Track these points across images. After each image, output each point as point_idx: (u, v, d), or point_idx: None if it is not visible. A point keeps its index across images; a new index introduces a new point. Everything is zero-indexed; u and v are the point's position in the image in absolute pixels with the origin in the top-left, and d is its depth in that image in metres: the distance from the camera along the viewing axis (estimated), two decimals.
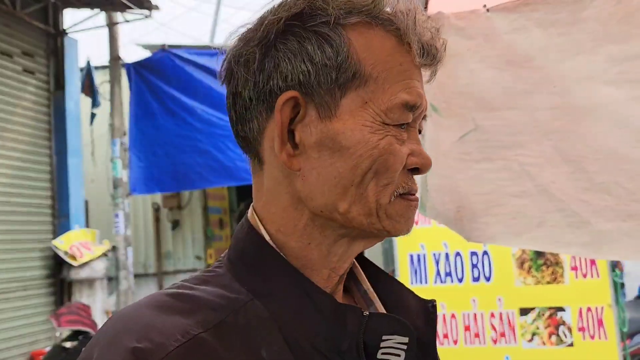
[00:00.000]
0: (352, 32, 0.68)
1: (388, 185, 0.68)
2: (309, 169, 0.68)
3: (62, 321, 4.52)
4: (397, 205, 0.69)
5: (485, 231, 1.45)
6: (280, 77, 0.68)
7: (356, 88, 0.67)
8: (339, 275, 0.73)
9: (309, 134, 0.68)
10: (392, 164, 0.67)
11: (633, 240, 1.35)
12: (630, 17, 1.32)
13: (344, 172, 0.67)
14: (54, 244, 6.45)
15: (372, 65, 0.68)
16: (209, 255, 9.44)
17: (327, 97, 0.67)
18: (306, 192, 0.69)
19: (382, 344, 0.67)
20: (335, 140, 0.67)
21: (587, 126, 1.36)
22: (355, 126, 0.67)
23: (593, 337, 3.17)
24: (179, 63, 7.32)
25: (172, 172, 7.20)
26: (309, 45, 0.68)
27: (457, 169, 1.47)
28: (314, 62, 0.67)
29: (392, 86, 0.68)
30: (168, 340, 0.59)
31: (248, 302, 0.66)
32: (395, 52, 0.69)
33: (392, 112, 0.67)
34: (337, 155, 0.67)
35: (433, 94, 1.47)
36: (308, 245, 0.70)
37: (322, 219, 0.69)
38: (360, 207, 0.68)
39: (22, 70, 6.53)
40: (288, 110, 0.68)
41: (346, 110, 0.67)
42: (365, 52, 0.68)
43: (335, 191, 0.67)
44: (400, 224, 0.70)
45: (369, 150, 0.66)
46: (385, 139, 0.67)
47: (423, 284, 3.53)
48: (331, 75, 0.67)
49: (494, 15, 1.45)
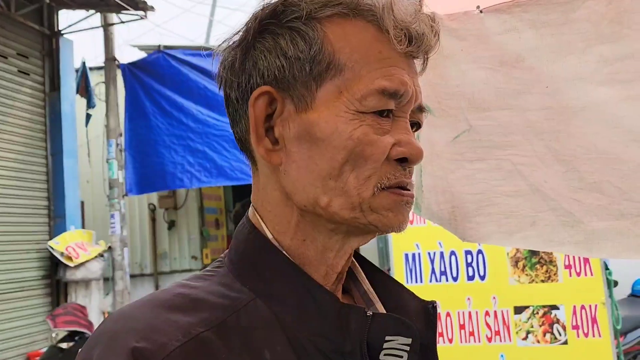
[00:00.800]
0: (328, 24, 0.68)
1: (370, 177, 0.66)
2: (290, 163, 0.68)
3: (58, 322, 4.51)
4: (383, 199, 0.67)
5: (478, 231, 1.46)
6: (258, 75, 0.69)
7: (332, 78, 0.67)
8: (336, 273, 0.72)
9: (287, 128, 0.68)
10: (370, 155, 0.65)
11: (625, 238, 1.36)
12: (621, 18, 1.33)
13: (321, 165, 0.66)
14: (50, 245, 6.44)
15: (348, 55, 0.67)
16: (205, 255, 9.44)
17: (303, 90, 0.67)
18: (290, 187, 0.69)
19: (385, 345, 0.66)
20: (311, 133, 0.66)
21: (579, 126, 1.37)
22: (330, 117, 0.66)
23: (587, 335, 3.19)
24: (174, 64, 7.33)
25: (164, 171, 7.20)
26: (282, 41, 0.68)
27: (451, 169, 1.48)
28: (287, 56, 0.68)
29: (369, 73, 0.66)
30: (169, 340, 0.58)
31: (250, 302, 0.66)
32: (374, 41, 0.68)
33: (368, 100, 0.66)
34: (314, 148, 0.66)
35: (426, 95, 1.48)
36: (303, 242, 0.70)
37: (310, 214, 0.69)
38: (342, 201, 0.66)
39: (17, 72, 6.52)
40: (262, 105, 0.68)
41: (322, 101, 0.67)
42: (341, 42, 0.67)
43: (315, 185, 0.67)
44: (388, 219, 0.67)
45: (343, 141, 0.65)
46: (359, 129, 0.65)
47: (418, 282, 3.55)
48: (305, 68, 0.67)
49: (486, 17, 1.46)
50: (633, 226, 1.34)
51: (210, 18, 10.81)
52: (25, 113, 6.58)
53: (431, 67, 1.49)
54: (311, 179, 0.67)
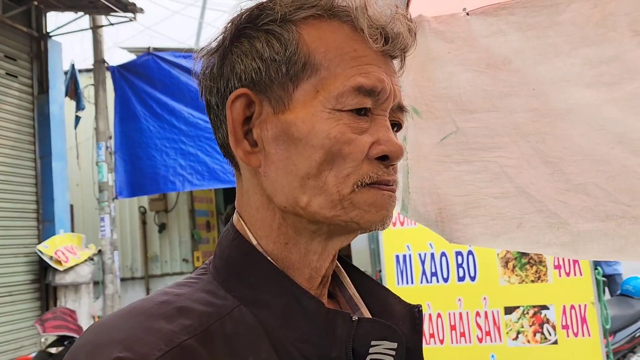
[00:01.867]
0: (304, 26, 0.69)
1: (349, 175, 0.66)
2: (269, 165, 0.68)
3: (47, 327, 4.48)
4: (364, 194, 0.66)
5: (465, 232, 1.46)
6: (236, 79, 0.69)
7: (308, 78, 0.67)
8: (320, 276, 0.72)
9: (265, 130, 0.68)
10: (348, 154, 0.65)
11: (611, 240, 1.37)
12: (606, 20, 1.34)
13: (299, 165, 0.66)
14: (39, 249, 6.39)
15: (323, 54, 0.67)
16: (196, 257, 9.41)
17: (280, 91, 0.67)
18: (270, 189, 0.69)
19: (370, 350, 0.65)
20: (289, 133, 0.66)
21: (565, 128, 1.38)
22: (306, 116, 0.66)
23: (577, 334, 3.21)
24: (164, 66, 7.30)
25: (155, 174, 7.18)
26: (258, 43, 0.68)
27: (437, 171, 1.48)
28: (263, 58, 0.68)
29: (345, 71, 0.66)
30: (152, 350, 0.56)
31: (235, 309, 0.65)
32: (349, 40, 0.68)
33: (344, 97, 0.66)
34: (292, 148, 0.66)
35: (414, 97, 1.49)
36: (286, 245, 0.69)
37: (291, 216, 0.68)
38: (322, 200, 0.66)
39: (5, 74, 6.47)
40: (240, 107, 0.68)
41: (299, 101, 0.67)
42: (315, 42, 0.68)
43: (294, 185, 0.66)
44: (370, 214, 0.67)
45: (320, 140, 0.65)
46: (336, 128, 0.65)
47: (409, 284, 3.55)
48: (281, 69, 0.67)
49: (473, 19, 1.47)
50: (618, 227, 1.35)
51: (200, 20, 10.79)
52: (13, 116, 6.53)
53: (418, 69, 1.50)
54: (290, 179, 0.67)
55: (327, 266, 0.72)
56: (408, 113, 0.76)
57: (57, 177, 6.84)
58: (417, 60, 1.48)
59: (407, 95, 1.48)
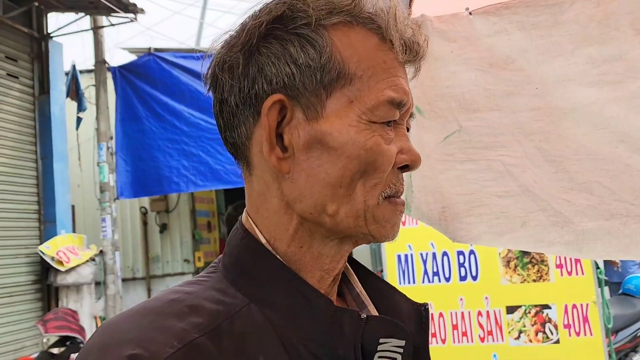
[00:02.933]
0: (334, 32, 0.68)
1: (376, 185, 0.67)
2: (298, 171, 0.68)
3: (49, 327, 4.48)
4: (384, 209, 0.68)
5: (469, 231, 1.46)
6: (265, 81, 0.68)
7: (341, 88, 0.67)
8: (332, 277, 0.72)
9: (297, 136, 0.68)
10: (380, 164, 0.66)
11: (615, 239, 1.37)
12: (608, 20, 1.34)
13: (332, 173, 0.66)
14: (40, 250, 6.39)
15: (356, 64, 0.67)
16: (197, 258, 9.41)
17: (312, 98, 0.67)
18: (295, 195, 0.68)
19: (379, 347, 0.66)
20: (323, 142, 0.66)
21: (568, 127, 1.38)
22: (342, 126, 0.66)
23: (579, 333, 3.21)
24: (165, 66, 7.31)
25: (159, 175, 7.18)
26: (292, 48, 0.67)
27: (441, 170, 1.48)
28: (297, 64, 0.67)
29: (378, 84, 0.67)
30: (164, 347, 0.57)
31: (244, 307, 0.65)
32: (378, 50, 0.68)
33: (378, 110, 0.66)
34: (326, 157, 0.66)
35: (416, 96, 1.49)
36: (300, 248, 0.70)
37: (310, 223, 0.69)
38: (349, 209, 0.67)
39: (6, 75, 6.47)
40: (275, 113, 0.67)
41: (332, 110, 0.67)
42: (348, 51, 0.67)
43: (324, 192, 0.67)
44: (386, 230, 0.69)
45: (356, 150, 0.66)
46: (372, 139, 0.66)
47: (411, 283, 3.55)
48: (316, 77, 0.67)
49: (475, 18, 1.47)
50: (622, 226, 1.35)
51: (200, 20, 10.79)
52: (14, 117, 6.53)
53: (421, 68, 1.50)
54: (320, 187, 0.67)
55: (339, 267, 0.73)
56: (414, 117, 0.77)
57: (58, 178, 6.84)
58: None
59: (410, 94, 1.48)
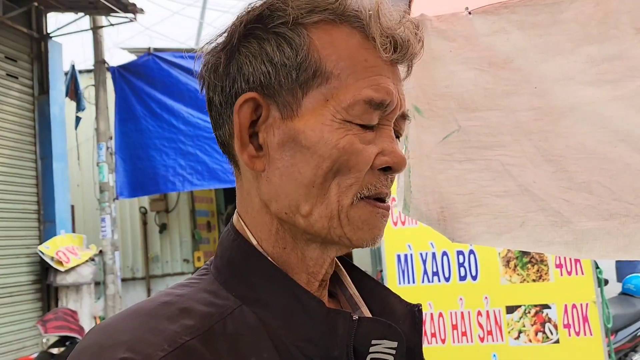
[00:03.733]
0: (315, 30, 0.67)
1: (352, 185, 0.66)
2: (273, 170, 0.68)
3: (49, 327, 4.48)
4: (360, 210, 0.66)
5: (468, 231, 1.46)
6: (243, 80, 0.68)
7: (318, 86, 0.66)
8: (318, 280, 0.72)
9: (272, 134, 0.68)
10: (354, 164, 0.65)
11: (614, 238, 1.36)
12: (608, 18, 1.34)
13: (305, 173, 0.66)
14: (40, 250, 6.39)
15: (335, 62, 0.66)
16: (196, 258, 9.41)
17: (288, 97, 0.67)
18: (271, 194, 0.68)
19: (371, 349, 0.65)
20: (296, 140, 0.66)
21: (567, 126, 1.38)
22: (316, 125, 0.65)
23: (578, 333, 3.21)
24: (164, 66, 7.30)
25: (155, 174, 7.17)
26: (268, 46, 0.67)
27: (440, 170, 1.48)
28: (273, 62, 0.67)
29: (356, 82, 0.66)
30: (155, 350, 0.56)
31: (236, 309, 0.65)
32: (360, 48, 0.67)
33: (354, 109, 0.65)
34: (299, 155, 0.66)
35: (415, 96, 1.49)
36: (284, 249, 0.69)
37: (287, 224, 0.68)
38: (323, 209, 0.66)
39: (6, 75, 6.47)
40: (248, 111, 0.68)
41: (308, 109, 0.66)
42: (327, 49, 0.67)
43: (298, 192, 0.66)
44: (362, 232, 0.67)
45: (328, 149, 0.65)
46: (345, 138, 0.65)
47: (410, 283, 3.55)
48: (291, 75, 0.66)
49: (474, 18, 1.46)
50: (622, 226, 1.34)
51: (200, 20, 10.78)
52: (14, 117, 6.53)
53: (420, 68, 1.50)
54: (294, 187, 0.66)
55: (323, 272, 0.72)
56: (409, 120, 0.76)
57: (57, 178, 6.84)
58: (419, 59, 1.48)
59: (409, 94, 1.48)
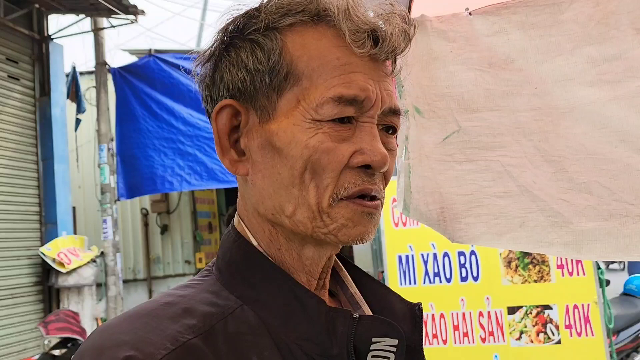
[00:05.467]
0: (289, 34, 0.68)
1: (328, 186, 0.66)
2: (256, 173, 0.69)
3: (50, 329, 4.48)
4: (341, 209, 0.66)
5: (468, 232, 1.46)
6: (225, 88, 0.70)
7: (291, 88, 0.67)
8: (316, 279, 0.72)
9: (252, 139, 0.69)
10: (327, 164, 0.65)
11: (614, 239, 1.36)
12: (608, 19, 1.34)
13: (283, 174, 0.67)
14: (42, 251, 6.40)
15: (306, 63, 0.67)
16: (198, 259, 9.41)
17: (264, 100, 0.68)
18: (256, 197, 0.70)
19: (372, 347, 0.66)
20: (272, 143, 0.67)
21: (567, 127, 1.38)
22: (288, 126, 0.66)
23: (580, 334, 3.20)
24: (165, 67, 7.31)
25: (153, 174, 7.17)
26: (243, 53, 0.69)
27: (440, 170, 1.48)
28: (247, 68, 0.68)
29: (326, 81, 0.66)
30: (157, 349, 0.57)
31: (237, 308, 0.66)
32: (333, 47, 0.67)
33: (323, 108, 0.65)
34: (277, 157, 0.67)
35: (416, 96, 1.49)
36: (279, 250, 0.71)
37: (278, 225, 0.69)
38: (305, 210, 0.66)
39: (7, 77, 6.48)
40: (226, 117, 0.70)
41: (283, 111, 0.67)
42: (299, 51, 0.67)
43: (280, 193, 0.67)
44: (347, 229, 0.66)
45: (300, 149, 0.65)
46: (315, 137, 0.65)
47: (412, 284, 3.55)
48: (265, 79, 0.68)
49: (475, 18, 1.46)
50: (622, 227, 1.34)
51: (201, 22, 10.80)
52: (15, 118, 6.54)
53: (420, 68, 1.50)
54: (276, 188, 0.68)
55: (320, 271, 0.73)
56: (404, 116, 0.76)
57: (59, 180, 6.85)
58: (420, 60, 1.48)
59: (410, 94, 1.48)
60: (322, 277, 0.74)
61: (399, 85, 1.48)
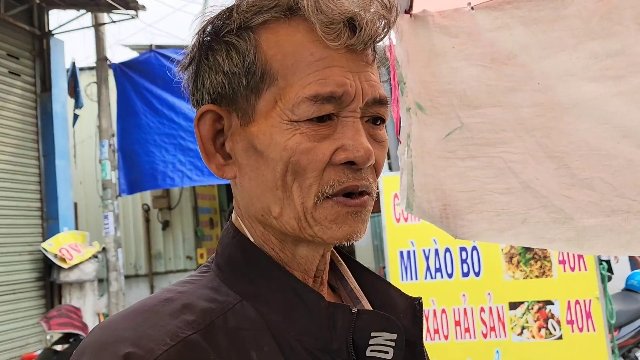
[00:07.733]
0: (263, 32, 0.67)
1: (311, 186, 0.65)
2: (243, 176, 0.69)
3: (52, 324, 4.49)
4: (326, 210, 0.65)
5: (470, 228, 1.46)
6: (206, 93, 0.70)
7: (268, 88, 0.65)
8: (311, 277, 0.73)
9: (236, 142, 0.69)
10: (307, 164, 0.64)
11: (616, 235, 1.36)
12: (611, 14, 1.33)
13: (267, 176, 0.66)
14: (43, 247, 6.41)
15: (280, 62, 0.65)
16: (199, 255, 9.43)
17: (244, 103, 0.67)
18: (246, 199, 0.70)
19: (370, 341, 0.66)
20: (254, 145, 0.66)
21: (570, 122, 1.37)
22: (266, 128, 0.65)
23: (581, 329, 3.20)
24: (166, 63, 7.28)
25: (154, 170, 7.19)
26: (219, 57, 0.68)
27: (442, 167, 1.47)
28: (224, 71, 0.67)
29: (301, 80, 0.64)
30: (157, 345, 0.58)
31: (237, 304, 0.66)
32: (306, 42, 0.65)
33: (299, 108, 0.63)
34: (260, 160, 0.66)
35: (418, 93, 1.48)
36: (273, 249, 0.71)
37: (268, 226, 0.69)
38: (290, 211, 0.66)
39: (8, 72, 6.48)
40: (208, 122, 0.69)
41: (262, 112, 0.66)
42: (273, 49, 0.65)
43: (266, 195, 0.67)
44: (332, 231, 0.65)
45: (279, 152, 0.64)
46: (293, 139, 0.64)
47: (413, 280, 3.55)
48: (242, 81, 0.66)
49: (477, 13, 1.46)
50: (624, 222, 1.34)
51: None
52: (16, 114, 6.54)
53: (422, 64, 1.50)
54: (262, 190, 0.67)
55: (314, 269, 0.73)
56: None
57: (60, 175, 6.86)
58: (421, 56, 1.47)
59: (412, 91, 1.47)
60: (318, 274, 0.73)
61: (400, 82, 1.48)
